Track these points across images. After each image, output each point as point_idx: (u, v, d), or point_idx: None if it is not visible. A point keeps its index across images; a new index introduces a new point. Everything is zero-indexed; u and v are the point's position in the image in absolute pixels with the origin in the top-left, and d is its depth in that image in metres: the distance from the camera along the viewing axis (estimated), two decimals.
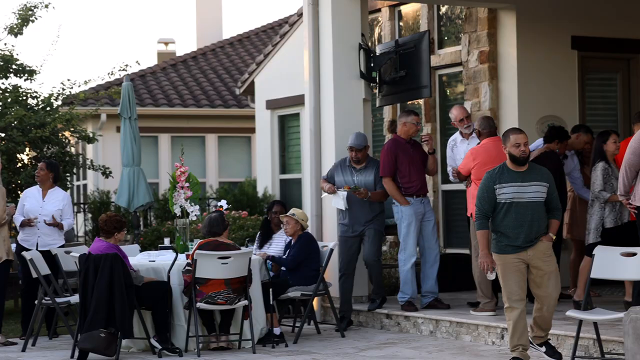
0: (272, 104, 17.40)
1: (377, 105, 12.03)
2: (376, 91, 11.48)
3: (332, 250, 9.86)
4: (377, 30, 14.42)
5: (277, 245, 10.42)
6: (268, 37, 23.89)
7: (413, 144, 10.33)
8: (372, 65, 10.98)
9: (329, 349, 9.04)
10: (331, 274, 10.35)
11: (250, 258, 9.10)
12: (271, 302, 9.52)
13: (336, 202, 10.27)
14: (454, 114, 10.26)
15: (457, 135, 10.33)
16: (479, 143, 9.79)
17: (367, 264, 10.28)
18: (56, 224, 10.35)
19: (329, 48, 10.79)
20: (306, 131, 11.23)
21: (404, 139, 10.25)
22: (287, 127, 17.40)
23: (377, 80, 11.17)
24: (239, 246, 9.55)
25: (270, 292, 9.51)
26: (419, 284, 10.23)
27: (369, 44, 11.36)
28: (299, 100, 15.13)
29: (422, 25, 13.28)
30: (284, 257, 10.01)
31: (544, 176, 7.65)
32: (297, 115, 16.75)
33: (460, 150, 10.14)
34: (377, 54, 11.18)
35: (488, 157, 9.40)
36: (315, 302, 10.33)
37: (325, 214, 10.87)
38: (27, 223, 10.33)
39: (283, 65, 16.97)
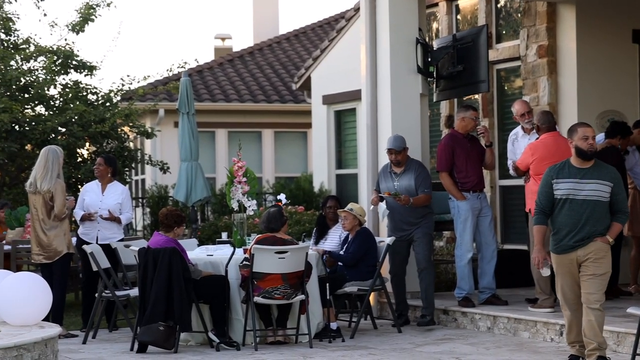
0: (328, 99, 17.41)
1: (434, 100, 11.97)
2: (433, 86, 11.43)
3: (389, 245, 9.84)
4: (434, 25, 14.36)
5: (333, 240, 10.43)
6: (324, 32, 23.91)
7: (470, 139, 10.27)
8: (429, 60, 10.93)
9: (385, 344, 9.03)
10: (388, 269, 10.33)
11: (307, 253, 9.13)
12: (328, 297, 9.53)
13: (381, 212, 10.12)
14: (516, 108, 10.16)
15: (518, 129, 10.23)
16: (537, 138, 9.70)
17: (418, 269, 10.03)
18: (113, 218, 10.47)
19: (387, 43, 10.76)
20: (363, 126, 11.22)
21: (462, 134, 10.19)
22: (343, 122, 17.40)
23: (435, 75, 11.11)
24: (296, 241, 9.59)
25: (327, 287, 9.53)
26: (476, 280, 10.17)
27: (427, 38, 11.31)
28: (355, 96, 15.12)
29: (480, 19, 13.19)
30: (341, 252, 10.01)
31: (608, 175, 7.39)
32: (353, 110, 16.74)
33: (521, 144, 10.02)
34: (435, 49, 11.12)
35: (547, 152, 9.31)
36: (372, 297, 10.32)
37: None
38: (87, 217, 10.47)
39: (339, 60, 16.97)
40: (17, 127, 13.70)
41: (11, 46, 14.61)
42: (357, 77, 12.42)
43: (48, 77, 14.28)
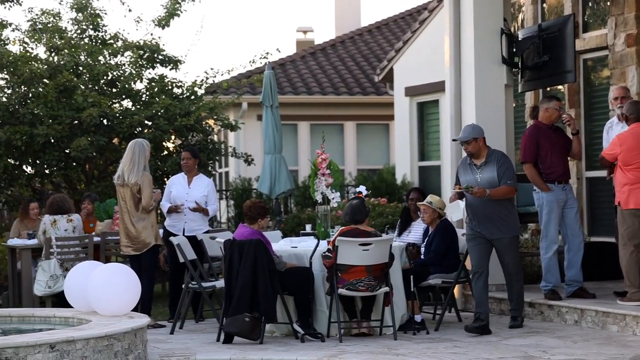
0: (411, 91, 17.34)
1: (519, 91, 11.83)
2: (518, 77, 11.30)
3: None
4: (519, 15, 14.18)
5: (417, 232, 10.40)
6: (406, 24, 23.80)
7: (555, 130, 10.12)
8: (514, 50, 10.80)
9: (470, 336, 8.97)
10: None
11: (391, 245, 9.12)
12: (412, 289, 9.52)
13: (452, 210, 9.72)
14: (612, 91, 9.95)
15: (614, 118, 10.02)
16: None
17: (505, 275, 9.47)
18: (200, 209, 10.61)
19: (470, 33, 10.67)
20: (446, 118, 11.15)
21: (546, 125, 10.05)
22: (426, 114, 17.32)
23: (520, 66, 10.99)
24: (379, 233, 9.58)
25: (411, 279, 9.51)
26: (563, 273, 10.02)
27: (511, 28, 11.18)
28: (438, 87, 15.04)
29: (566, 8, 12.97)
30: (422, 246, 9.97)
31: None
32: (436, 102, 16.65)
33: (615, 132, 9.79)
34: (520, 39, 10.99)
35: (636, 143, 9.13)
36: (456, 290, 10.26)
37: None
38: (174, 210, 10.62)
39: (422, 52, 16.88)
40: (105, 121, 13.96)
41: (99, 42, 14.89)
42: (440, 69, 12.36)
43: (135, 72, 14.52)
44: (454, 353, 8.11)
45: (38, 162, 14.04)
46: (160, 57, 14.81)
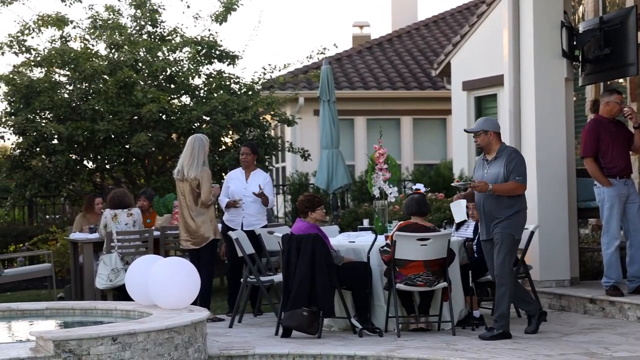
0: (468, 85, 17.25)
1: (580, 84, 11.69)
2: (579, 70, 11.16)
3: (532, 232, 9.67)
4: (580, 8, 14.00)
5: (473, 227, 10.34)
6: (464, 17, 23.65)
7: (616, 124, 9.98)
8: (574, 43, 10.69)
9: (529, 333, 8.89)
10: (533, 256, 10.17)
11: (449, 240, 9.08)
12: (470, 285, 9.47)
13: (455, 211, 9.61)
14: None
15: None
16: None
17: (491, 277, 9.00)
18: (262, 195, 10.65)
19: (530, 27, 10.57)
20: (505, 112, 11.07)
21: (607, 119, 9.91)
22: (483, 108, 17.21)
23: (580, 59, 10.86)
24: (437, 228, 9.54)
25: (469, 275, 9.46)
26: (624, 269, 9.89)
27: (572, 21, 11.05)
28: (496, 81, 14.94)
29: (627, 0, 12.78)
30: (474, 242, 9.90)
31: None
32: (494, 96, 16.53)
33: None
34: (580, 32, 10.86)
35: None
36: None
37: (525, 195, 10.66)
38: (232, 204, 10.69)
39: (480, 46, 16.77)
40: (164, 117, 14.09)
41: (157, 38, 15.03)
42: (498, 63, 12.26)
43: (192, 68, 14.63)
44: (514, 349, 8.05)
45: (99, 157, 14.22)
46: (217, 52, 14.91)
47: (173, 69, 14.55)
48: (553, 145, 10.63)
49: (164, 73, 14.50)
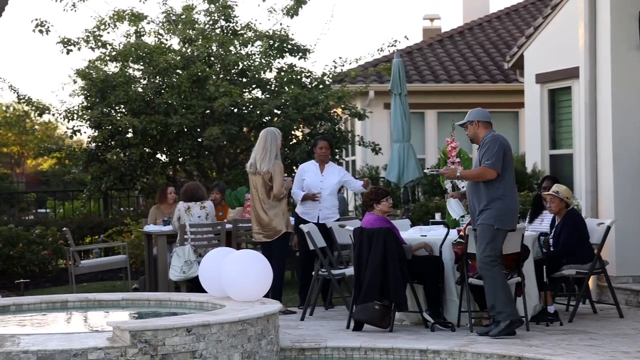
0: (542, 78, 16.99)
1: None
2: None
3: (609, 227, 9.52)
4: None
5: (549, 221, 10.23)
6: (537, 9, 23.34)
7: None
8: None
9: (606, 329, 8.77)
10: (609, 252, 10.02)
11: (523, 234, 8.98)
12: (545, 280, 9.36)
13: (451, 206, 9.47)
14: None
15: None
16: None
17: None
18: (367, 184, 10.70)
19: (606, 18, 10.40)
20: (580, 105, 10.92)
21: None
22: (557, 101, 16.94)
23: None
24: None
25: (544, 270, 9.35)
26: None
27: None
28: (570, 74, 14.69)
29: None
30: (551, 237, 9.79)
31: None
32: (568, 88, 16.25)
33: None
34: None
35: None
36: (591, 281, 10.04)
37: (601, 190, 10.52)
38: (310, 197, 10.72)
39: (554, 38, 16.52)
40: (235, 110, 14.19)
41: (230, 32, 15.13)
42: (572, 55, 12.08)
43: (264, 62, 14.71)
44: (590, 345, 7.94)
45: (172, 150, 14.38)
46: (289, 46, 14.96)
47: (245, 63, 14.65)
48: (630, 139, 10.45)
49: (236, 67, 14.60)
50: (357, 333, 8.89)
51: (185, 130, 14.10)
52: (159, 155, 14.71)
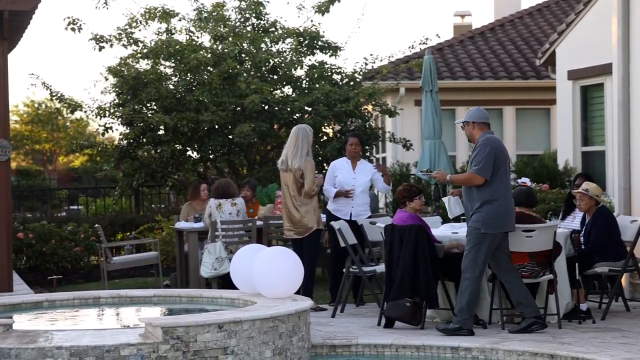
0: (574, 75, 16.87)
1: None
2: None
3: None
4: None
5: (580, 219, 10.16)
6: (569, 5, 23.18)
7: None
8: None
9: (639, 326, 8.69)
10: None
11: (555, 232, 8.93)
12: (577, 277, 9.30)
13: (450, 204, 9.38)
14: None
15: None
16: None
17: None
18: (384, 169, 10.69)
19: None
20: (612, 102, 10.83)
21: None
22: (589, 98, 16.82)
23: None
24: (544, 219, 9.40)
25: (576, 267, 9.29)
26: None
27: None
28: (603, 70, 14.58)
29: None
30: (582, 234, 9.72)
31: None
32: (601, 85, 16.13)
33: None
34: None
35: None
36: (624, 278, 9.97)
37: (634, 187, 10.44)
38: (343, 194, 10.71)
39: (586, 34, 16.40)
40: (266, 107, 14.21)
41: (261, 29, 15.16)
42: (605, 51, 12.00)
43: (295, 59, 14.71)
44: (623, 343, 7.88)
45: (203, 147, 14.42)
46: (320, 43, 14.95)
47: (276, 60, 14.66)
48: None
49: (267, 64, 14.62)
50: (388, 330, 8.88)
51: (216, 127, 14.14)
52: (190, 152, 14.75)
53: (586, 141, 16.97)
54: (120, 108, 14.23)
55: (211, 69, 14.29)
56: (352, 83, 14.84)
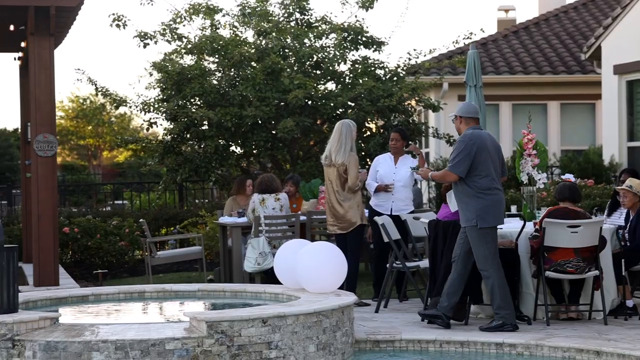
0: (620, 69, 16.72)
1: None
2: None
3: None
4: None
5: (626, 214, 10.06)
6: None
7: None
8: None
9: None
10: None
11: (601, 227, 8.84)
12: (623, 274, 9.20)
13: (451, 199, 9.28)
14: None
15: None
16: None
17: None
18: (419, 153, 10.71)
19: None
20: None
21: None
22: (636, 93, 16.66)
23: None
24: (589, 215, 9.31)
25: (622, 263, 9.19)
26: None
27: None
28: None
29: None
30: (626, 231, 9.61)
31: None
32: None
33: None
34: None
35: None
36: None
37: None
38: (383, 189, 10.69)
39: (632, 28, 16.24)
40: (309, 103, 14.22)
41: (305, 25, 15.16)
42: None
43: (338, 54, 14.70)
44: None
45: (246, 142, 14.46)
46: (363, 38, 14.93)
47: (319, 55, 14.66)
48: None
49: (310, 59, 14.62)
50: (432, 326, 8.83)
51: (260, 122, 14.17)
52: (233, 148, 14.80)
53: (632, 136, 16.79)
54: (165, 103, 14.32)
55: (255, 64, 14.32)
56: (395, 78, 14.80)
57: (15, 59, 15.30)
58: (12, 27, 13.12)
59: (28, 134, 13.52)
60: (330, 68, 14.61)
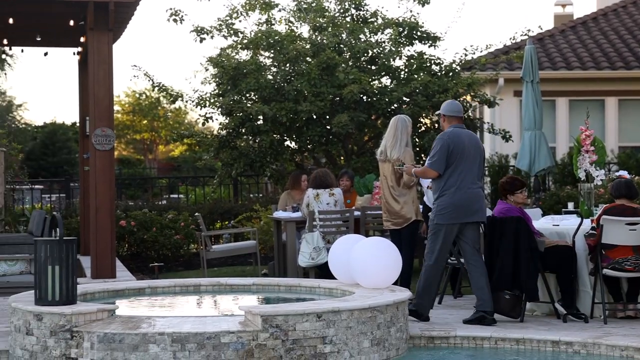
0: None
1: None
2: None
3: None
4: None
5: None
6: None
7: None
8: None
9: None
10: None
11: None
12: None
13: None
14: None
15: None
16: None
17: None
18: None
19: None
20: None
21: None
22: None
23: None
24: None
25: None
26: None
27: None
28: None
29: None
30: None
31: None
32: None
33: None
34: None
35: None
36: None
37: None
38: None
39: None
40: (364, 98, 14.20)
41: (360, 20, 15.15)
42: None
43: (394, 49, 14.66)
44: None
45: (301, 137, 14.49)
46: (419, 34, 14.87)
47: (375, 50, 14.63)
48: None
49: (365, 55, 14.60)
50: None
51: (314, 117, 14.18)
52: (288, 142, 14.84)
53: None
54: (220, 98, 14.40)
55: (310, 60, 14.34)
56: (450, 74, 14.72)
57: (74, 53, 15.50)
58: (71, 23, 13.28)
59: (87, 128, 13.69)
60: (386, 63, 14.57)
